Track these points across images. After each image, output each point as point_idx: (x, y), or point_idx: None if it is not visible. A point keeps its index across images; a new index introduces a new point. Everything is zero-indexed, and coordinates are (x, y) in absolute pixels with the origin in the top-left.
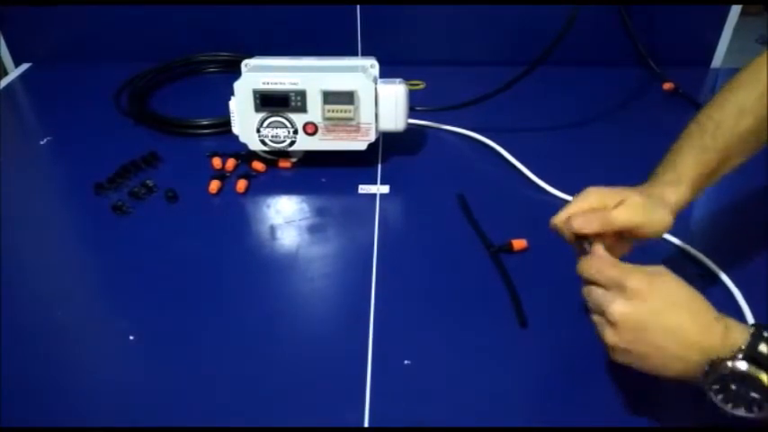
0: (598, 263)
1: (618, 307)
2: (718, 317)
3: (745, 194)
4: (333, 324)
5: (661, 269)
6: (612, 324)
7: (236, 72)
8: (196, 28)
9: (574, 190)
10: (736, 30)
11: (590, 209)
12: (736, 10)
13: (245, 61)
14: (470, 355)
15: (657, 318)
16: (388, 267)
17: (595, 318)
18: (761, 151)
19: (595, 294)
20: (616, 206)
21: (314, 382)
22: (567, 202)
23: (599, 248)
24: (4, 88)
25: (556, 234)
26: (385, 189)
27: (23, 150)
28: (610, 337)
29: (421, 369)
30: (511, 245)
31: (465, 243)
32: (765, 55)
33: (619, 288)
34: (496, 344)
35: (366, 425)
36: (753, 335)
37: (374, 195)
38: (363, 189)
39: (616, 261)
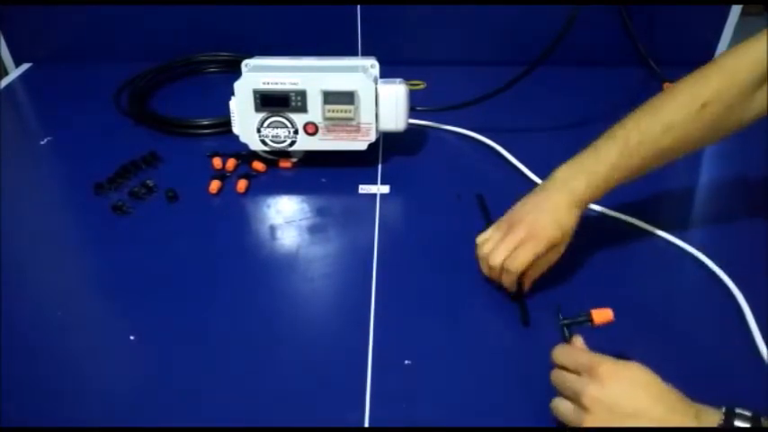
0: (574, 351)
1: (591, 391)
2: (690, 403)
3: (746, 194)
4: (333, 324)
5: (632, 362)
6: (587, 409)
7: (236, 72)
8: (196, 28)
9: None
10: (736, 30)
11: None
12: (736, 10)
13: (246, 61)
14: (470, 356)
15: (626, 400)
16: (388, 267)
17: (567, 404)
18: (761, 150)
19: (570, 379)
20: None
21: (314, 382)
22: None
23: (578, 340)
24: (4, 88)
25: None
26: (385, 189)
27: (23, 150)
28: (588, 421)
29: (421, 369)
30: None
31: (465, 243)
32: (706, 68)
33: (590, 373)
34: (497, 344)
35: (366, 425)
36: (726, 413)
37: (374, 195)
38: (364, 189)
39: (588, 351)
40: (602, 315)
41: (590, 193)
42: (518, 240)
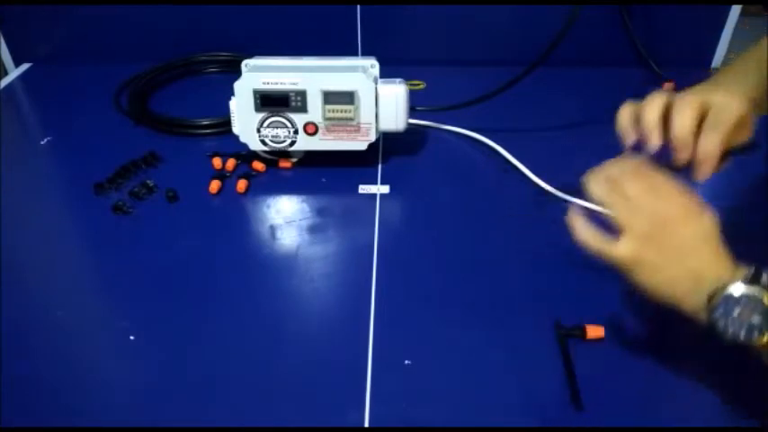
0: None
1: (662, 204)
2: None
3: (746, 194)
4: (333, 324)
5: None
6: (651, 218)
7: (236, 72)
8: (196, 28)
9: (574, 190)
10: (736, 30)
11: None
12: (735, 10)
13: (245, 61)
14: (470, 355)
15: (686, 226)
16: (388, 267)
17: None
18: (761, 151)
19: (635, 198)
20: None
21: (314, 382)
22: (567, 202)
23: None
24: (4, 88)
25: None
26: (385, 189)
27: (23, 150)
28: (639, 228)
29: (421, 369)
30: None
31: (465, 242)
32: None
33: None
34: (497, 343)
35: (366, 425)
36: (756, 268)
37: (374, 195)
38: (363, 189)
39: None
40: (594, 331)
41: (756, 92)
42: (703, 109)
